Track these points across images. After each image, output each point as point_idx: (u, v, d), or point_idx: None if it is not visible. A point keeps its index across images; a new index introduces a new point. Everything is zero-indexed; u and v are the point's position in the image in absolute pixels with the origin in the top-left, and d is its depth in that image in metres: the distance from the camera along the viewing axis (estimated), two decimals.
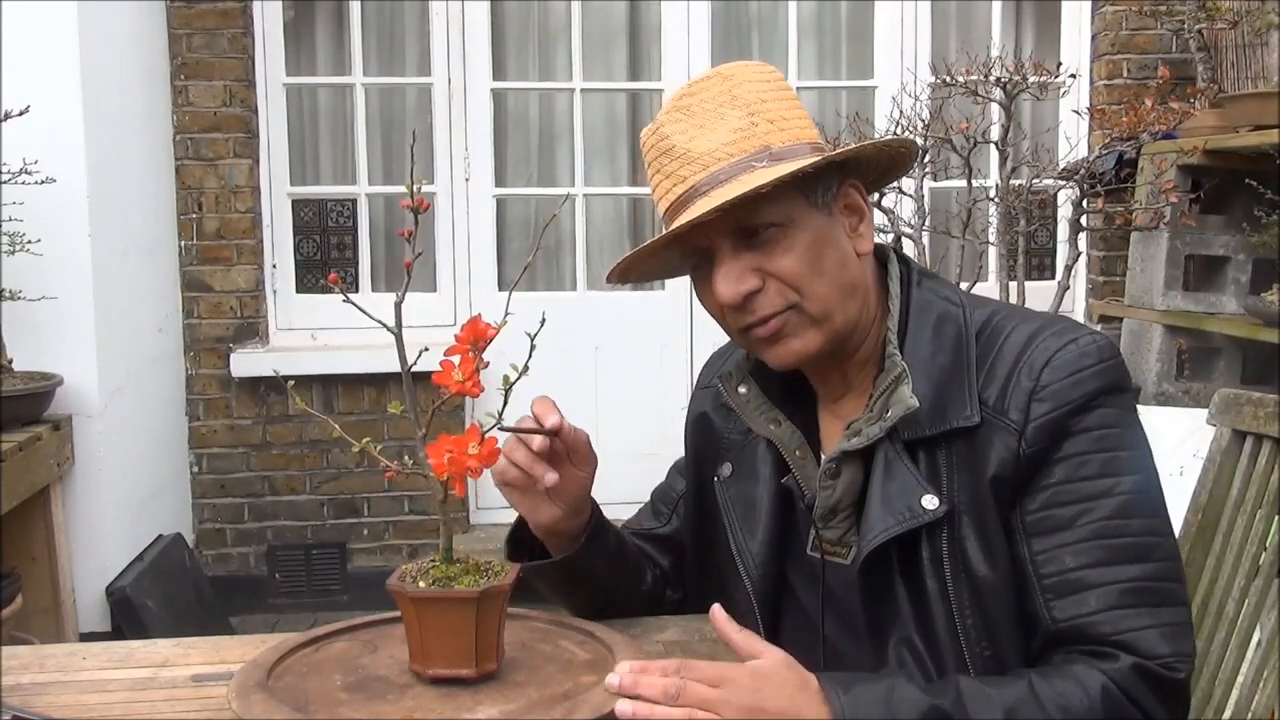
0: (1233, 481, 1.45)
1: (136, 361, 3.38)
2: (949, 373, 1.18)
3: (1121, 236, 3.80)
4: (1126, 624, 1.09)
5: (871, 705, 1.02)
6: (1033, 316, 1.22)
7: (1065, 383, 1.13)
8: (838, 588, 1.25)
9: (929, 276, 1.27)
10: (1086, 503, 1.12)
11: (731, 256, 1.18)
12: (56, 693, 1.17)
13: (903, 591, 1.17)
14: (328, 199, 4.44)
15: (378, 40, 4.05)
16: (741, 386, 1.30)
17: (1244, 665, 1.38)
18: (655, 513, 1.50)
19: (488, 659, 1.11)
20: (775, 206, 1.15)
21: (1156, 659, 1.08)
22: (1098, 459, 1.12)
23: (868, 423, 1.19)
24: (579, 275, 4.01)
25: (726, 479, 1.34)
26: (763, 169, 1.15)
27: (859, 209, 1.24)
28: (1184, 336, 3.41)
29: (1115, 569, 1.10)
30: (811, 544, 1.27)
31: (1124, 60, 3.93)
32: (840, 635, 1.26)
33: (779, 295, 1.18)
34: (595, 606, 1.35)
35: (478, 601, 1.08)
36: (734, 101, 1.18)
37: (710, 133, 1.18)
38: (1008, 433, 1.14)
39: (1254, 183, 3.11)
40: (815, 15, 4.18)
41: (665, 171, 1.21)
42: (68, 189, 2.93)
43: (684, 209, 1.17)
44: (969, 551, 1.14)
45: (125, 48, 3.40)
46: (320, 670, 1.16)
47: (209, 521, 3.86)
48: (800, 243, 1.17)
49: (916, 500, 1.15)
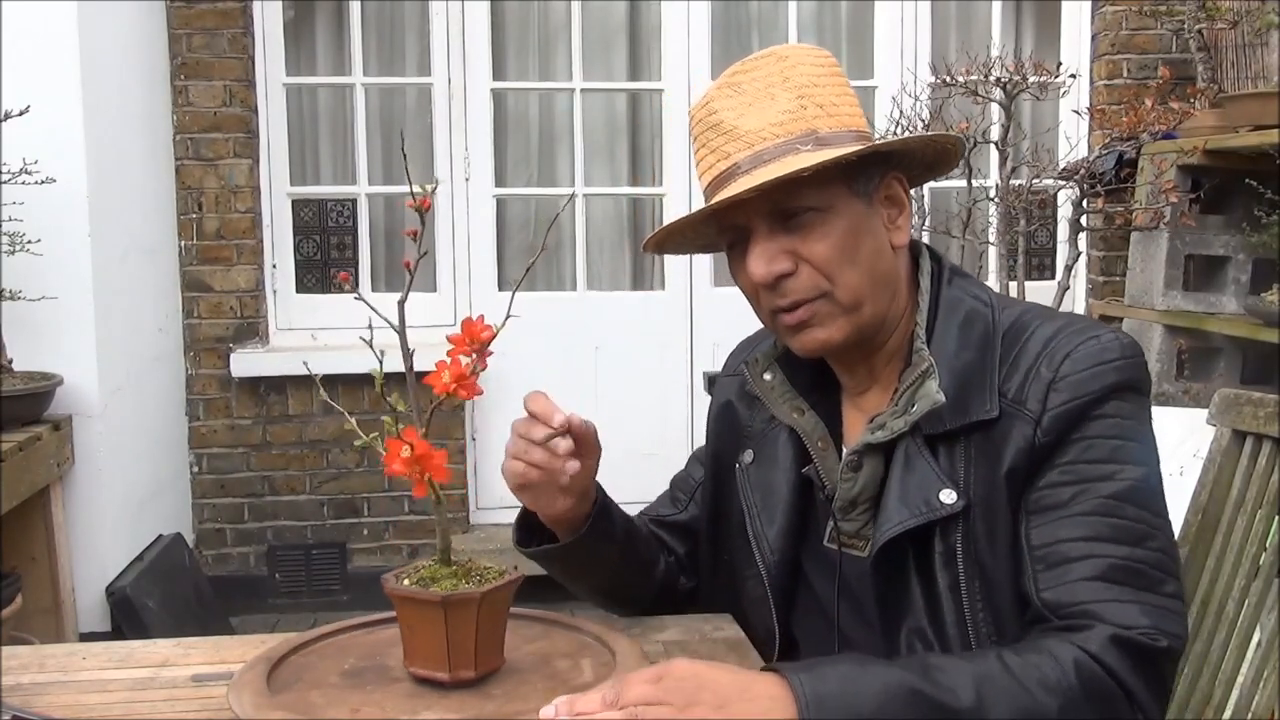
0: (1233, 481, 1.44)
1: (136, 361, 3.38)
2: (973, 368, 1.18)
3: (1121, 236, 3.80)
4: (1106, 594, 1.07)
5: (834, 682, 0.97)
6: (1060, 316, 1.22)
7: (1084, 374, 1.13)
8: (852, 579, 1.25)
9: (959, 274, 1.27)
10: (1087, 484, 1.12)
11: (767, 237, 1.18)
12: (56, 693, 1.17)
13: (916, 584, 1.17)
14: (328, 199, 4.44)
15: (378, 40, 4.05)
16: (767, 373, 1.31)
17: (1244, 665, 1.37)
18: (673, 500, 1.50)
19: (461, 664, 1.09)
20: (816, 191, 1.15)
21: (1136, 629, 1.05)
22: (1106, 445, 1.12)
23: (892, 416, 1.19)
24: (579, 275, 4.01)
25: (748, 465, 1.34)
26: (807, 152, 1.15)
27: (899, 201, 1.24)
28: (1184, 336, 3.41)
29: (1105, 545, 1.09)
30: (829, 535, 1.27)
31: (1124, 60, 3.93)
32: (854, 627, 1.26)
33: (810, 280, 1.18)
34: (605, 591, 1.35)
35: (443, 606, 1.07)
36: (785, 83, 1.18)
37: (759, 112, 1.17)
38: (1025, 422, 1.14)
39: (1254, 183, 3.11)
40: (815, 15, 4.18)
41: (710, 146, 1.20)
42: (68, 189, 2.92)
43: (725, 185, 1.18)
44: (982, 545, 1.14)
45: (125, 48, 3.40)
46: (320, 670, 1.16)
47: (209, 521, 3.86)
48: (837, 229, 1.17)
49: (934, 494, 1.15)
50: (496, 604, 1.11)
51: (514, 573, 1.13)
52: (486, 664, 1.12)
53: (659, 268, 4.10)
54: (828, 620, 1.28)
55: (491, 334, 1.07)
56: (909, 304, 1.25)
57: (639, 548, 1.39)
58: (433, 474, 1.05)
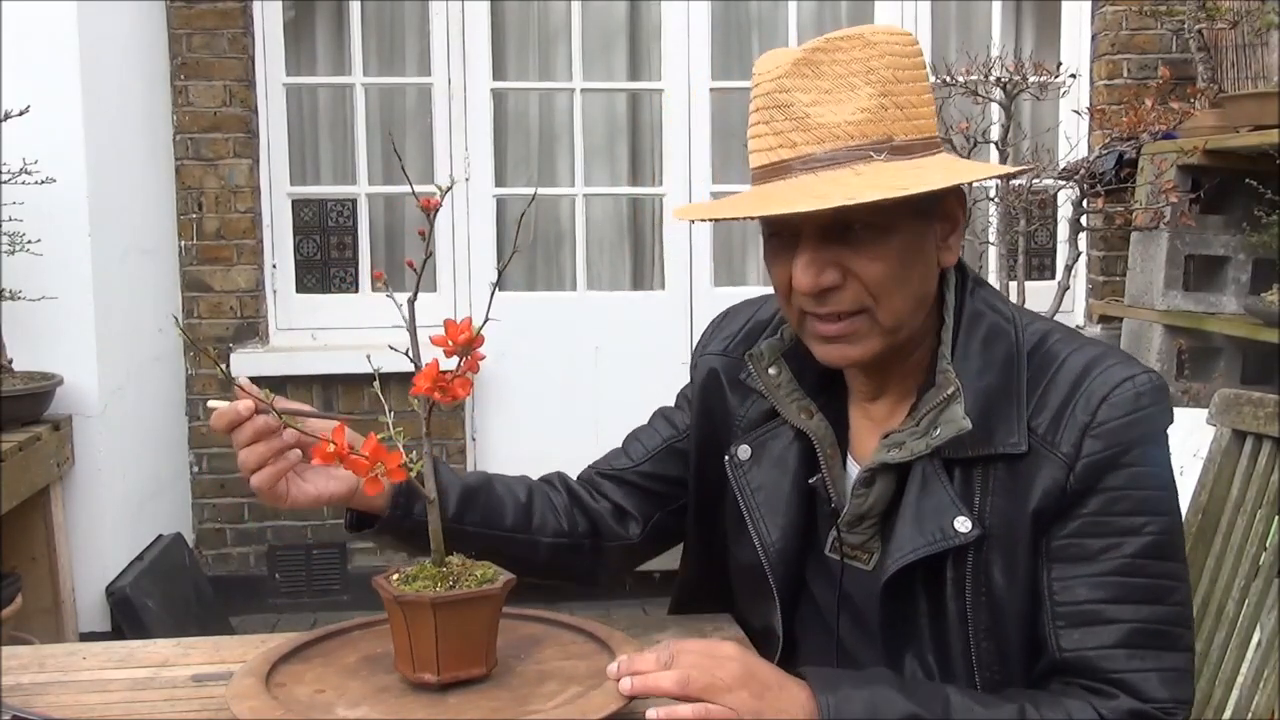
0: (1233, 481, 1.45)
1: (136, 361, 3.38)
2: (997, 394, 1.14)
3: (1121, 236, 3.80)
4: (1130, 664, 1.09)
5: (858, 704, 1.02)
6: (1088, 344, 1.18)
7: (1121, 422, 1.11)
8: (854, 592, 1.24)
9: (981, 285, 1.23)
10: (1115, 538, 1.11)
11: (818, 245, 1.12)
12: (56, 693, 1.17)
13: (924, 609, 1.16)
14: (328, 199, 4.44)
15: (378, 40, 4.05)
16: (772, 368, 1.26)
17: (1244, 665, 1.37)
18: (626, 453, 1.43)
19: (423, 666, 1.09)
20: (879, 207, 1.08)
21: (1154, 703, 1.08)
22: (1135, 496, 1.11)
23: (912, 437, 1.16)
24: (579, 275, 4.00)
25: (743, 462, 1.29)
26: (880, 161, 1.09)
27: (954, 219, 1.19)
28: (1184, 336, 3.41)
29: (1129, 608, 1.10)
30: (831, 545, 1.25)
31: (1124, 60, 3.93)
32: (853, 637, 1.25)
33: (855, 297, 1.13)
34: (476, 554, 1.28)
35: (399, 605, 1.07)
36: (869, 75, 1.10)
37: (836, 104, 1.09)
38: (1056, 465, 1.11)
39: (1254, 183, 3.11)
40: (815, 15, 4.17)
41: (775, 128, 1.11)
42: (68, 189, 2.92)
43: (784, 175, 1.11)
44: (993, 576, 1.13)
45: (125, 48, 3.39)
46: (320, 670, 1.16)
47: (209, 521, 3.86)
48: (893, 250, 1.12)
49: (949, 521, 1.12)
50: (470, 610, 1.09)
51: (502, 579, 1.11)
52: (452, 668, 1.09)
53: (659, 268, 4.10)
54: (827, 628, 1.27)
55: (469, 335, 1.05)
56: (934, 319, 1.21)
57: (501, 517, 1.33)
58: (390, 475, 1.05)
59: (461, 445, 3.84)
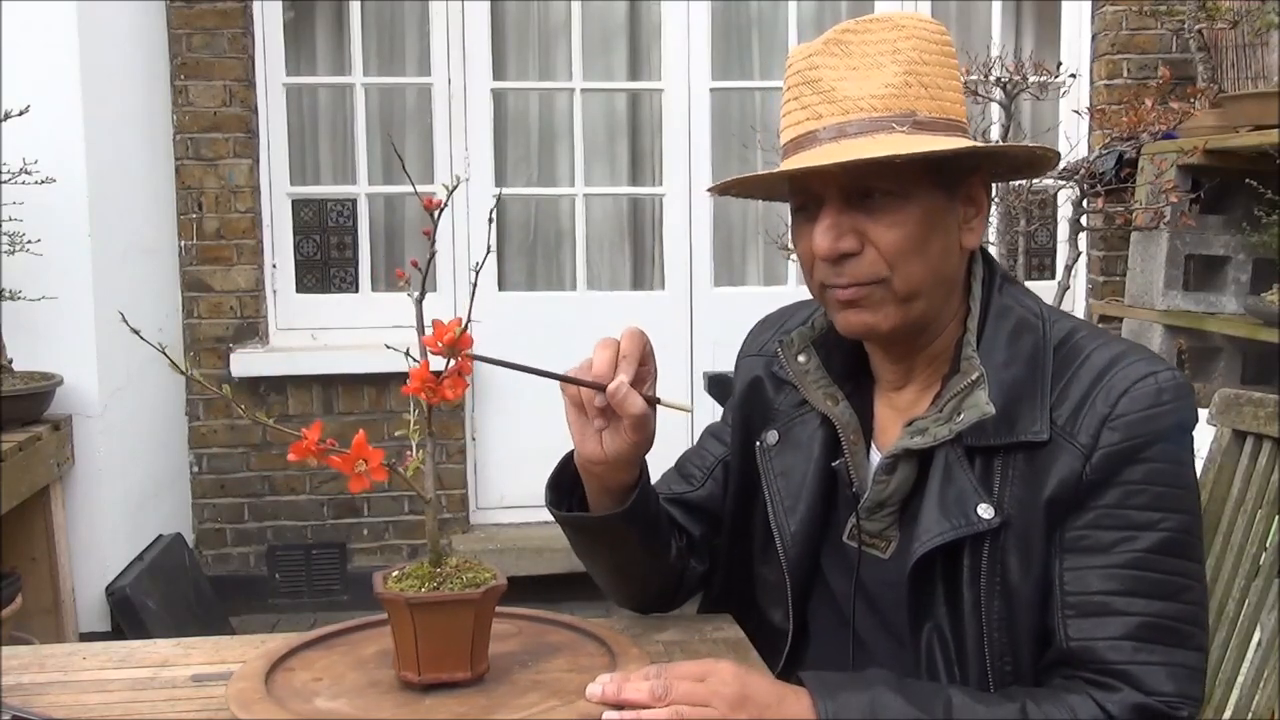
0: (1233, 481, 1.45)
1: (136, 361, 3.38)
2: (1022, 384, 1.15)
3: (1121, 236, 3.80)
4: (1136, 657, 1.08)
5: (855, 711, 1.02)
6: (1114, 341, 1.19)
7: (1140, 415, 1.11)
8: (870, 580, 1.24)
9: (1011, 282, 1.24)
10: (1129, 531, 1.11)
11: (838, 210, 1.14)
12: (56, 693, 1.17)
13: (941, 596, 1.16)
14: (328, 199, 4.44)
15: (378, 40, 4.05)
16: (801, 355, 1.28)
17: (1244, 665, 1.38)
18: (685, 477, 1.43)
19: (405, 665, 1.09)
20: (898, 175, 1.11)
21: (1159, 696, 1.07)
22: (1151, 491, 1.11)
23: (936, 423, 1.16)
24: (579, 275, 4.01)
25: (771, 447, 1.30)
26: (901, 134, 1.11)
27: (979, 203, 1.21)
28: (1184, 336, 3.41)
29: (1140, 601, 1.09)
30: (849, 532, 1.26)
31: (1124, 60, 3.93)
32: (868, 625, 1.25)
33: (871, 266, 1.14)
34: (616, 567, 1.31)
35: (384, 604, 1.07)
36: (895, 55, 1.13)
37: (862, 79, 1.13)
38: (1073, 455, 1.12)
39: (1254, 183, 3.11)
40: (815, 15, 4.18)
41: (803, 102, 1.16)
42: (68, 189, 2.92)
43: (809, 145, 1.14)
44: (1009, 566, 1.13)
45: (125, 48, 3.40)
46: (320, 670, 1.16)
47: (209, 521, 3.86)
48: (911, 219, 1.13)
49: (973, 508, 1.13)
50: (449, 612, 1.08)
51: (496, 581, 1.10)
52: (433, 669, 1.08)
53: (659, 268, 4.10)
54: (841, 616, 1.27)
55: (454, 335, 1.05)
56: (960, 308, 1.22)
57: (660, 534, 1.33)
58: (373, 473, 1.04)
59: (461, 445, 3.84)
